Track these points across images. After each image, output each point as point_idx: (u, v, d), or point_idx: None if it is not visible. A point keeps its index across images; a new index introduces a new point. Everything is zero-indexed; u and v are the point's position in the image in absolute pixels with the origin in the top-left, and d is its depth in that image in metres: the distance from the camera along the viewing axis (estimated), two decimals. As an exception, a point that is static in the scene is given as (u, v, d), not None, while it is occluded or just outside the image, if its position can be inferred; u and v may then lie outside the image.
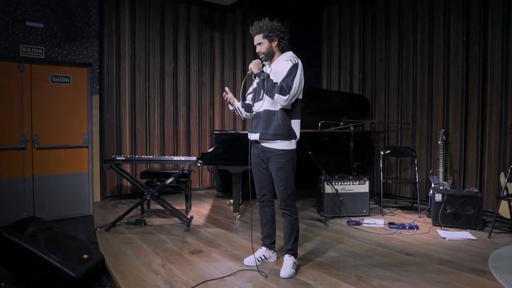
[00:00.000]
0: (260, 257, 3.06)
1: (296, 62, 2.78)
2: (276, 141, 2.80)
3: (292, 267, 2.84)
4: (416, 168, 4.90)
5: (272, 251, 3.15)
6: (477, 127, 4.66)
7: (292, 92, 2.68)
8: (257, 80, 2.88)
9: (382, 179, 4.92)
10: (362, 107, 5.63)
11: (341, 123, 5.10)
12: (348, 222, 4.29)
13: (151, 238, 3.78)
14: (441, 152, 4.64)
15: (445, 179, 4.67)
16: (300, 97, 2.86)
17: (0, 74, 4.78)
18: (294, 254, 2.92)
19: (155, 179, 4.59)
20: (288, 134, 2.80)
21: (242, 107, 3.09)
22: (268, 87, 2.72)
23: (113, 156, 4.30)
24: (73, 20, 5.13)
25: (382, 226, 4.18)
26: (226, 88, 3.07)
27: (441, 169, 4.62)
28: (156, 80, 5.87)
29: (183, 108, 6.14)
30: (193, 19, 6.17)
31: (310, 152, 4.37)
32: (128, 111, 5.64)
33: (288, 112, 2.81)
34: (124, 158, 4.20)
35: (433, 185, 4.58)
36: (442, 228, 4.03)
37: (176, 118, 6.08)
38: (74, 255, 2.99)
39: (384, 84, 5.72)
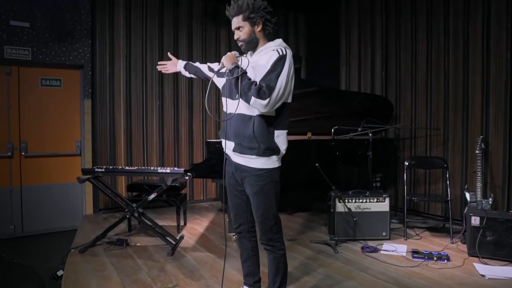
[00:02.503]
0: (240, 300, 2.44)
1: (284, 53, 2.08)
2: (251, 156, 2.14)
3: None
4: (448, 183, 4.09)
5: (257, 292, 2.52)
6: (525, 133, 3.81)
7: (274, 94, 2.00)
8: (229, 75, 2.14)
9: (406, 195, 4.15)
10: (384, 110, 4.87)
11: (359, 129, 4.39)
12: (362, 248, 3.58)
13: (126, 263, 3.26)
14: (479, 164, 3.83)
15: (485, 196, 3.85)
16: (289, 100, 2.18)
17: (-16, 77, 4.48)
18: None
19: (144, 194, 4.07)
20: (267, 149, 2.13)
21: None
22: (242, 88, 2.03)
23: (93, 167, 3.83)
24: (62, 18, 4.74)
25: (404, 254, 3.44)
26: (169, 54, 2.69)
27: (479, 184, 3.80)
28: (154, 82, 5.38)
29: (185, 113, 5.61)
30: (196, 14, 5.64)
31: (317, 164, 3.70)
32: (123, 116, 5.18)
33: (270, 119, 2.13)
34: (103, 170, 3.70)
35: (469, 204, 3.78)
36: (481, 260, 3.24)
37: (177, 124, 5.56)
38: (18, 289, 2.54)
39: (410, 83, 4.93)
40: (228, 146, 2.25)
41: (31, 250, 4.15)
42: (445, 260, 3.25)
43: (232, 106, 2.18)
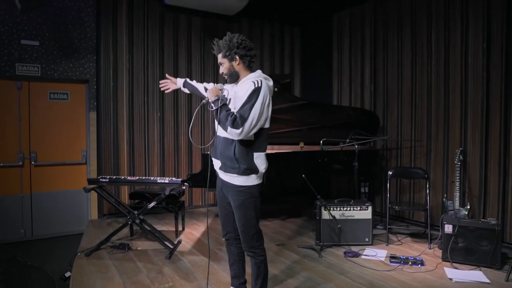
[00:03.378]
0: (228, 299, 2.75)
1: (259, 85, 2.33)
2: (232, 175, 2.43)
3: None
4: (428, 192, 4.36)
5: (243, 292, 2.82)
6: (499, 146, 4.08)
7: (247, 125, 2.26)
8: (211, 106, 2.43)
9: (389, 203, 4.43)
10: (371, 123, 5.16)
11: (347, 140, 4.69)
12: (345, 253, 3.87)
13: (127, 266, 3.57)
14: (457, 174, 4.11)
15: (462, 205, 4.13)
16: (266, 126, 2.45)
17: (-3, 92, 4.82)
18: None
19: (145, 201, 4.38)
20: (246, 169, 2.39)
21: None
22: (221, 118, 2.34)
23: (98, 177, 4.14)
24: (69, 37, 5.08)
25: (383, 259, 3.72)
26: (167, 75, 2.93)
27: (457, 193, 4.08)
28: (155, 95, 5.71)
29: (184, 124, 5.93)
30: (195, 30, 5.98)
31: (303, 175, 4.00)
32: (126, 127, 5.51)
33: (249, 143, 2.39)
34: (107, 180, 4.02)
35: (447, 211, 4.05)
36: (452, 264, 3.52)
37: (177, 134, 5.88)
38: (32, 290, 2.85)
39: (396, 96, 5.22)
40: (216, 164, 2.56)
41: (40, 253, 4.46)
42: (419, 265, 3.53)
43: (219, 129, 2.47)
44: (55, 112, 5.17)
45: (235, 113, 2.32)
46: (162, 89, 3.03)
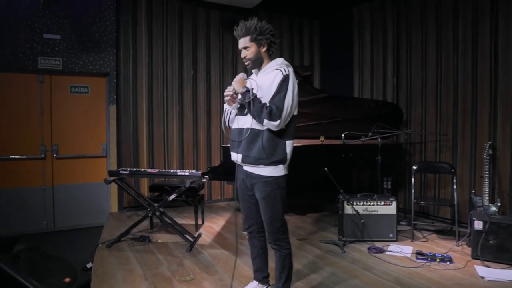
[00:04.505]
0: (250, 292, 2.69)
1: (287, 73, 2.30)
2: (259, 166, 2.37)
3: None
4: (455, 187, 4.21)
5: (265, 286, 2.76)
6: (532, 139, 3.91)
7: (284, 115, 2.25)
8: (241, 98, 2.36)
9: (414, 198, 4.29)
10: (394, 116, 5.02)
11: (369, 134, 4.56)
12: (369, 248, 3.76)
13: (148, 258, 3.56)
14: (486, 169, 3.94)
15: (492, 201, 3.96)
16: (296, 113, 2.40)
17: (20, 85, 4.87)
18: None
19: (165, 194, 4.37)
20: (274, 159, 2.34)
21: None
22: (255, 111, 2.27)
23: (119, 169, 4.14)
24: (90, 30, 5.10)
25: (409, 255, 3.60)
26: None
27: (486, 189, 3.91)
28: (174, 88, 5.70)
29: (203, 117, 5.90)
30: (213, 24, 5.94)
31: (326, 169, 3.90)
32: (145, 121, 5.51)
33: (278, 132, 2.33)
34: (128, 172, 4.02)
35: (475, 208, 3.90)
36: (483, 263, 3.37)
37: (196, 128, 5.86)
38: (55, 279, 2.86)
39: (420, 89, 5.06)
40: (237, 157, 2.48)
41: (62, 244, 4.50)
42: (448, 262, 3.40)
43: (243, 121, 2.42)
44: (75, 105, 5.20)
45: (269, 105, 2.26)
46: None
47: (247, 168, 2.45)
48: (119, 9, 5.29)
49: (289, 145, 2.39)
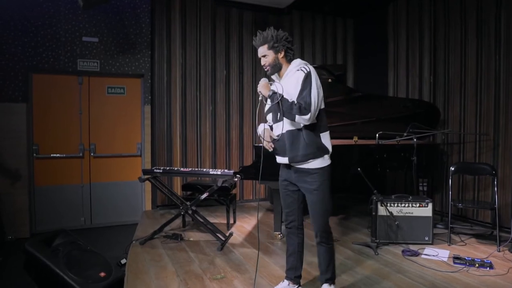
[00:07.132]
0: (281, 292, 2.70)
1: (308, 70, 2.44)
2: (308, 161, 2.49)
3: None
4: (496, 189, 4.01)
5: (296, 286, 2.74)
6: None
7: (313, 108, 2.37)
8: (269, 102, 2.55)
9: (451, 201, 4.13)
10: (430, 115, 4.85)
11: (404, 134, 4.43)
12: (403, 251, 3.65)
13: (180, 256, 3.62)
14: (530, 171, 3.74)
15: (536, 204, 3.76)
16: (322, 106, 2.52)
17: (61, 87, 5.10)
18: (333, 280, 2.68)
19: (197, 193, 4.43)
20: (319, 151, 2.50)
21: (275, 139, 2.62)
22: (285, 110, 2.41)
23: (152, 168, 4.24)
24: (125, 33, 5.26)
25: (446, 259, 3.47)
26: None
27: (530, 192, 3.72)
28: (207, 88, 5.78)
29: (236, 117, 5.95)
30: (246, 24, 5.97)
31: (359, 169, 3.83)
32: (179, 120, 5.62)
33: (314, 127, 2.49)
34: (161, 171, 4.11)
35: (518, 212, 3.71)
36: (526, 269, 3.20)
37: (228, 127, 5.92)
38: (91, 273, 2.97)
39: (459, 88, 4.86)
40: (285, 160, 2.56)
41: (98, 240, 4.65)
42: (488, 268, 3.24)
43: (278, 127, 2.55)
44: (112, 106, 5.38)
45: (297, 101, 2.38)
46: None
47: (299, 166, 2.54)
48: (153, 11, 5.43)
49: (327, 135, 2.56)
